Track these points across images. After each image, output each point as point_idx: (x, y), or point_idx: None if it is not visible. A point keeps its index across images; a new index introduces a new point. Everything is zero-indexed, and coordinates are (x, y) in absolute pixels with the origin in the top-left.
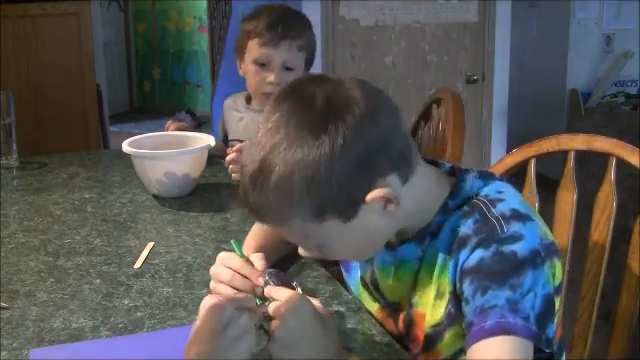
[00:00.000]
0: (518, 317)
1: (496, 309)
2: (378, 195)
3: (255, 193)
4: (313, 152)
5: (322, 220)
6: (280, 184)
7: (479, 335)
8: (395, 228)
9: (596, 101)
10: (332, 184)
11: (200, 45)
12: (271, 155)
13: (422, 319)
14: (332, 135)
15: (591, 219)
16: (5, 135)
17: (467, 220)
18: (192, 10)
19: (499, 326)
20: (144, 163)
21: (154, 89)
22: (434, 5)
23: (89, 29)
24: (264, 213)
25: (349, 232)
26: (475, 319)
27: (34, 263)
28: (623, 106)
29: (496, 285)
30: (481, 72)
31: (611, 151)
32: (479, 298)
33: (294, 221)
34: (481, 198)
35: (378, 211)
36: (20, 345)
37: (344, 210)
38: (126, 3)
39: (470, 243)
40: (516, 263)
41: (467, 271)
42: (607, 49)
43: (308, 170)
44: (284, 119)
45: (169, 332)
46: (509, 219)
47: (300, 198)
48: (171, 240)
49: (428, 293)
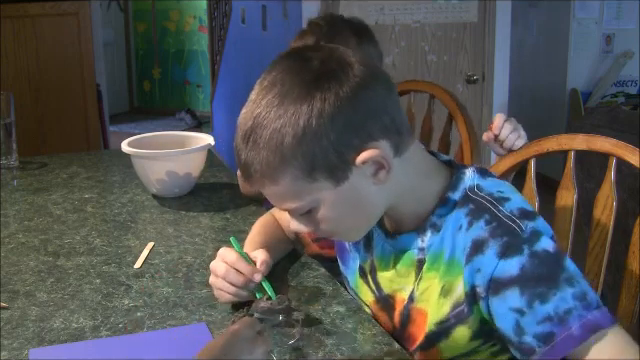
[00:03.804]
0: (592, 308)
1: (573, 312)
2: (368, 156)
3: (247, 150)
4: (305, 108)
5: (313, 180)
6: (272, 139)
7: (570, 344)
8: (386, 202)
9: (596, 101)
10: (323, 140)
11: (200, 45)
12: (264, 111)
13: (423, 317)
14: (325, 93)
15: (591, 219)
16: (5, 135)
17: (478, 221)
18: (192, 10)
19: (585, 328)
20: (144, 163)
21: (154, 89)
22: (434, 5)
23: (89, 29)
24: (257, 171)
25: (340, 197)
26: (555, 329)
27: (34, 263)
28: (623, 106)
29: (554, 288)
30: (481, 72)
31: (611, 151)
32: (541, 306)
33: (286, 180)
34: (485, 197)
35: (369, 177)
36: (20, 345)
37: (335, 170)
38: (126, 3)
39: (490, 247)
40: (554, 259)
41: (509, 281)
42: (607, 49)
43: (300, 125)
44: (279, 77)
45: (169, 332)
46: (520, 217)
47: (292, 153)
48: (171, 240)
49: (432, 290)
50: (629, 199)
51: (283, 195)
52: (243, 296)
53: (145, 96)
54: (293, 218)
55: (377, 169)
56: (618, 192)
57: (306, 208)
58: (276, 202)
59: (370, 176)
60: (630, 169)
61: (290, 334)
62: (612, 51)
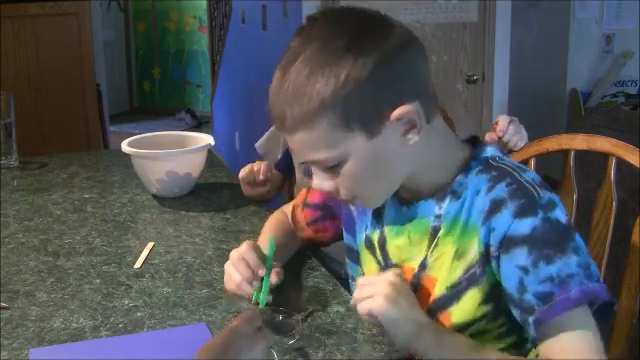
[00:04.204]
0: (593, 281)
1: (575, 277)
2: (404, 111)
3: (285, 96)
4: (350, 59)
5: (349, 129)
6: (314, 85)
7: (566, 305)
8: (410, 168)
9: (596, 101)
10: (364, 90)
11: (200, 45)
12: (307, 60)
13: (432, 284)
14: (370, 48)
15: (591, 219)
16: (5, 135)
17: (499, 184)
18: (192, 10)
19: (584, 294)
20: (144, 163)
21: (154, 89)
22: (434, 5)
23: (89, 29)
24: (294, 115)
25: (370, 152)
26: (555, 289)
27: (34, 263)
28: (623, 106)
29: (561, 253)
30: (481, 72)
31: (611, 151)
32: (545, 267)
33: (322, 125)
34: (508, 164)
35: (399, 136)
36: (20, 345)
37: (370, 122)
38: (126, 3)
39: (507, 207)
40: (565, 229)
41: (520, 240)
42: (607, 49)
43: (343, 73)
44: (324, 29)
45: (169, 332)
46: (540, 186)
47: (333, 99)
48: (171, 240)
49: (446, 255)
50: (629, 199)
51: (315, 143)
52: (245, 291)
53: (145, 96)
54: (317, 174)
55: (408, 129)
56: (618, 192)
57: (335, 160)
58: (305, 152)
59: (400, 135)
60: (630, 169)
61: (290, 334)
62: (612, 51)
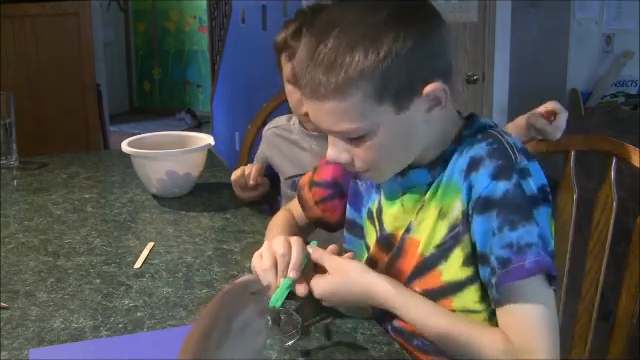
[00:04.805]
0: (547, 255)
1: (533, 247)
2: (434, 88)
3: (322, 65)
4: (391, 33)
5: (381, 102)
6: (354, 56)
7: (520, 274)
8: (426, 142)
9: (596, 101)
10: (402, 64)
11: (200, 45)
12: (347, 30)
13: (415, 247)
14: (410, 24)
15: (591, 219)
16: (5, 135)
17: (480, 143)
18: (192, 10)
19: (538, 265)
20: (144, 163)
21: (154, 89)
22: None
23: (89, 29)
24: (330, 83)
25: (396, 126)
26: (513, 256)
27: (34, 263)
28: (623, 106)
29: (525, 221)
30: (481, 72)
31: (611, 151)
32: (508, 232)
33: (357, 96)
34: (495, 129)
35: (423, 112)
36: (20, 345)
37: (402, 96)
38: (126, 3)
39: (484, 166)
40: (533, 198)
41: (491, 202)
42: (607, 49)
43: (383, 47)
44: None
45: (169, 332)
46: (520, 151)
47: (371, 71)
48: (171, 240)
49: (429, 215)
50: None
51: (346, 113)
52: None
53: (145, 96)
54: (334, 145)
55: (433, 105)
56: (618, 192)
57: (363, 131)
58: (334, 122)
59: (424, 111)
60: (630, 169)
61: (290, 334)
62: (612, 51)
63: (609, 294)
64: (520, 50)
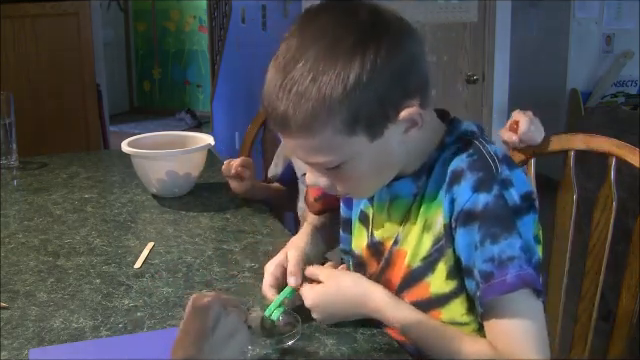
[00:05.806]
0: (531, 267)
1: (515, 260)
2: (412, 112)
3: (288, 101)
4: (357, 61)
5: (353, 134)
6: (320, 91)
7: (501, 289)
8: (405, 159)
9: (596, 101)
10: (370, 93)
11: (200, 45)
12: (311, 62)
13: (403, 257)
14: (377, 46)
15: (591, 219)
16: (5, 135)
17: (461, 155)
18: (192, 10)
19: (520, 279)
20: (144, 163)
21: (154, 89)
22: (434, 5)
23: (89, 29)
24: (297, 122)
25: (372, 153)
26: (495, 270)
27: (34, 263)
28: (623, 106)
29: (507, 233)
30: (481, 72)
31: (611, 151)
32: (490, 246)
33: (326, 132)
34: (476, 137)
35: (399, 134)
36: (20, 345)
37: (374, 125)
38: (126, 3)
39: (465, 179)
40: (515, 209)
41: (473, 215)
42: (607, 49)
43: (350, 78)
44: (326, 27)
45: (169, 332)
46: (501, 161)
47: (339, 106)
48: (171, 240)
49: (415, 228)
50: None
51: (317, 148)
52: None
53: (145, 96)
54: (313, 173)
55: (410, 126)
56: (618, 192)
57: (336, 163)
58: (305, 155)
59: (401, 133)
60: (630, 169)
61: (290, 334)
62: (612, 51)
63: (609, 294)
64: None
